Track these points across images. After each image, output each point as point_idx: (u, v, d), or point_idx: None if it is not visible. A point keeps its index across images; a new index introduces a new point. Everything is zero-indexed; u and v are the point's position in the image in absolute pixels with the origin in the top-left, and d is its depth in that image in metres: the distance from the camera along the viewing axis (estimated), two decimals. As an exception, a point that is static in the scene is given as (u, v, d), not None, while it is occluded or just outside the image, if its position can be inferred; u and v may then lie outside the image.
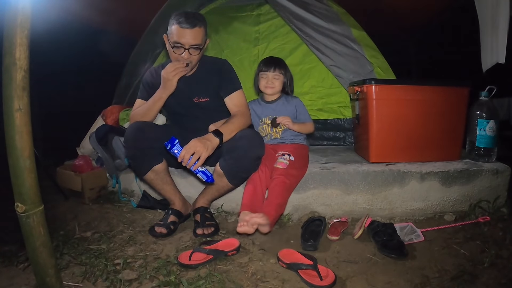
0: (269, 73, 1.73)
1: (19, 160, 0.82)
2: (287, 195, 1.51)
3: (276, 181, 1.49)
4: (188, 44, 1.43)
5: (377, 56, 2.19)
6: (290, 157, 1.59)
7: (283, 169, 1.53)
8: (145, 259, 1.25)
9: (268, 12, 2.50)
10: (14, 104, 0.80)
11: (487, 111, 1.69)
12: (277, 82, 1.74)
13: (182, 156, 1.30)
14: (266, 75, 1.73)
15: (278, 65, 1.74)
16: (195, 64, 1.54)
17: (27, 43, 0.79)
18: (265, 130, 1.78)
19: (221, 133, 1.40)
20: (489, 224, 1.44)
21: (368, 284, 1.08)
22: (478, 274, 1.10)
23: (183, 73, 1.48)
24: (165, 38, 1.52)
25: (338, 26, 2.14)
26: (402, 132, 1.70)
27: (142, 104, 1.59)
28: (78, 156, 2.01)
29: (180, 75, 1.47)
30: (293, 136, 1.77)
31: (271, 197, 1.45)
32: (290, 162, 1.56)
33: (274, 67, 1.72)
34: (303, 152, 1.71)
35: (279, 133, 1.76)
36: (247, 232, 1.31)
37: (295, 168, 1.55)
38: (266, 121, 1.78)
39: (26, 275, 1.15)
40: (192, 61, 1.49)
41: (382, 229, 1.36)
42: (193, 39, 1.43)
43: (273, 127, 1.74)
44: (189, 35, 1.42)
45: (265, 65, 1.75)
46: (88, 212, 1.76)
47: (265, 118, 1.78)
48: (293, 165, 1.56)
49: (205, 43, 1.51)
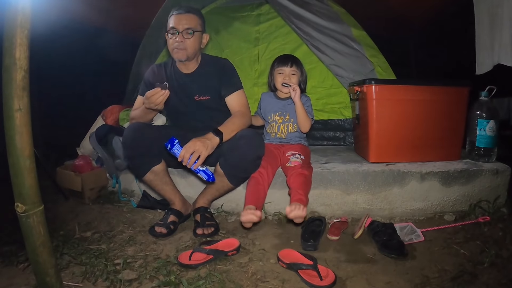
0: (286, 69, 1.70)
1: (19, 160, 0.82)
2: (308, 188, 1.50)
3: (295, 174, 1.49)
4: (182, 28, 1.48)
5: (377, 55, 2.19)
6: (301, 156, 1.59)
7: (298, 165, 1.53)
8: (145, 259, 1.25)
9: (268, 12, 2.50)
10: (14, 104, 0.79)
11: (487, 111, 1.69)
12: (294, 78, 1.70)
13: (182, 156, 1.30)
14: (283, 70, 1.70)
15: (295, 61, 1.72)
16: (191, 53, 1.52)
17: (27, 43, 0.79)
18: (273, 128, 1.76)
19: (221, 132, 1.40)
20: (489, 224, 1.44)
21: (368, 284, 1.08)
22: (478, 274, 1.10)
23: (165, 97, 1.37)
24: (166, 37, 1.53)
25: (338, 25, 2.14)
26: (402, 132, 1.70)
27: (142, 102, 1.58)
28: (78, 156, 2.01)
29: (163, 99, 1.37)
30: (297, 137, 1.76)
31: (296, 187, 1.44)
32: (302, 160, 1.57)
33: (291, 63, 1.70)
34: (308, 152, 1.73)
35: (284, 134, 1.75)
36: (251, 220, 1.31)
37: (306, 168, 1.56)
38: (275, 117, 1.75)
39: (26, 275, 1.15)
40: (186, 47, 1.49)
41: (382, 229, 1.36)
42: (186, 23, 1.48)
43: (283, 85, 1.68)
44: (182, 19, 1.49)
45: (281, 61, 1.72)
46: (88, 212, 1.76)
47: (275, 114, 1.76)
48: (305, 164, 1.57)
49: (201, 33, 1.55)
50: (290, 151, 1.64)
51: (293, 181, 1.47)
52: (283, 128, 1.75)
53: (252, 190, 1.47)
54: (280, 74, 1.71)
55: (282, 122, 1.75)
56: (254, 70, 2.50)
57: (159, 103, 1.37)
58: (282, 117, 1.75)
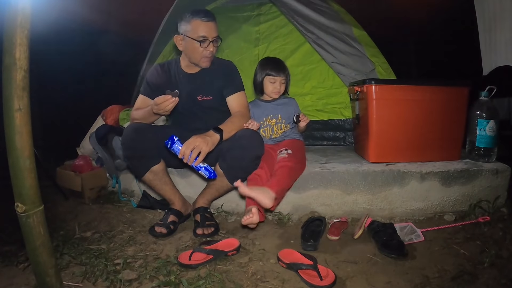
0: (278, 78, 1.72)
1: (19, 160, 0.82)
2: (290, 180, 1.50)
3: (278, 165, 1.50)
4: (212, 36, 1.49)
5: (378, 55, 2.19)
6: (287, 151, 1.60)
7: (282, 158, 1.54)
8: (145, 259, 1.25)
9: (268, 12, 2.50)
10: (14, 104, 0.79)
11: (487, 111, 1.69)
12: (283, 86, 1.75)
13: (183, 152, 1.30)
14: (274, 80, 1.72)
15: (284, 69, 1.75)
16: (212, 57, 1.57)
17: (27, 43, 0.79)
18: (266, 132, 1.77)
19: (221, 129, 1.41)
20: (489, 224, 1.44)
21: (368, 284, 1.08)
22: (478, 274, 1.10)
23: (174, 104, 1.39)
24: (177, 39, 1.54)
25: (339, 24, 2.15)
26: (402, 132, 1.70)
27: (144, 101, 1.59)
28: (78, 156, 2.01)
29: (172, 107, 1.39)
30: (291, 133, 1.78)
31: (275, 177, 1.44)
32: (288, 155, 1.57)
33: (282, 72, 1.73)
34: (299, 144, 1.73)
35: (278, 134, 1.77)
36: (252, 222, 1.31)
37: (295, 158, 1.56)
38: (268, 121, 1.76)
39: (26, 275, 1.15)
40: (213, 55, 1.55)
41: (382, 229, 1.36)
42: (215, 31, 1.51)
43: (296, 123, 1.72)
44: (212, 28, 1.50)
45: (273, 70, 1.72)
46: (88, 212, 1.76)
47: (267, 118, 1.77)
48: (292, 156, 1.57)
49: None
50: (279, 149, 1.65)
51: (275, 172, 1.48)
52: (277, 129, 1.77)
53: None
54: (272, 84, 1.73)
55: (275, 123, 1.76)
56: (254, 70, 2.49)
57: (168, 110, 1.39)
58: (275, 119, 1.76)
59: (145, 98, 1.60)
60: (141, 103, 1.60)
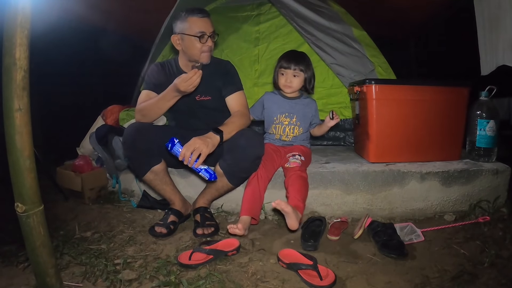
0: (288, 71, 1.63)
1: (19, 160, 0.82)
2: (306, 192, 1.49)
3: (294, 176, 1.47)
4: (209, 31, 1.51)
5: (378, 55, 2.19)
6: (301, 157, 1.58)
7: (297, 167, 1.53)
8: (145, 259, 1.25)
9: (268, 12, 2.50)
10: (14, 104, 0.80)
11: (487, 111, 1.69)
12: (296, 80, 1.64)
13: (183, 155, 1.30)
14: (285, 72, 1.64)
15: (299, 61, 1.63)
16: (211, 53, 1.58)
17: (27, 43, 0.79)
18: (277, 130, 1.72)
19: (221, 130, 1.40)
20: (489, 224, 1.44)
21: (368, 284, 1.08)
22: (478, 274, 1.10)
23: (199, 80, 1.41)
24: (175, 38, 1.53)
25: (339, 25, 2.15)
26: (402, 132, 1.70)
27: (148, 95, 1.55)
28: (78, 156, 2.01)
29: (199, 80, 1.40)
30: (301, 139, 1.74)
31: (294, 191, 1.42)
32: (302, 162, 1.56)
33: (294, 64, 1.63)
34: (309, 153, 1.72)
35: (289, 137, 1.72)
36: (238, 234, 1.33)
37: (304, 166, 1.55)
38: (282, 119, 1.70)
39: (26, 275, 1.15)
40: (211, 50, 1.56)
41: (382, 229, 1.36)
42: (211, 26, 1.53)
43: (331, 119, 1.65)
44: (208, 23, 1.52)
45: (285, 61, 1.65)
46: (88, 212, 1.76)
47: (281, 115, 1.70)
48: (304, 165, 1.56)
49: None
50: (291, 152, 1.63)
51: (292, 183, 1.46)
52: (289, 130, 1.71)
53: (248, 198, 1.47)
54: (282, 76, 1.66)
55: (288, 124, 1.70)
56: (254, 70, 2.50)
57: (197, 84, 1.40)
58: (289, 119, 1.70)
59: (149, 92, 1.56)
60: (145, 97, 1.56)
